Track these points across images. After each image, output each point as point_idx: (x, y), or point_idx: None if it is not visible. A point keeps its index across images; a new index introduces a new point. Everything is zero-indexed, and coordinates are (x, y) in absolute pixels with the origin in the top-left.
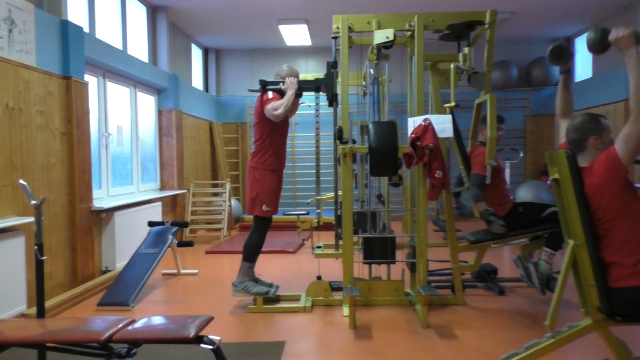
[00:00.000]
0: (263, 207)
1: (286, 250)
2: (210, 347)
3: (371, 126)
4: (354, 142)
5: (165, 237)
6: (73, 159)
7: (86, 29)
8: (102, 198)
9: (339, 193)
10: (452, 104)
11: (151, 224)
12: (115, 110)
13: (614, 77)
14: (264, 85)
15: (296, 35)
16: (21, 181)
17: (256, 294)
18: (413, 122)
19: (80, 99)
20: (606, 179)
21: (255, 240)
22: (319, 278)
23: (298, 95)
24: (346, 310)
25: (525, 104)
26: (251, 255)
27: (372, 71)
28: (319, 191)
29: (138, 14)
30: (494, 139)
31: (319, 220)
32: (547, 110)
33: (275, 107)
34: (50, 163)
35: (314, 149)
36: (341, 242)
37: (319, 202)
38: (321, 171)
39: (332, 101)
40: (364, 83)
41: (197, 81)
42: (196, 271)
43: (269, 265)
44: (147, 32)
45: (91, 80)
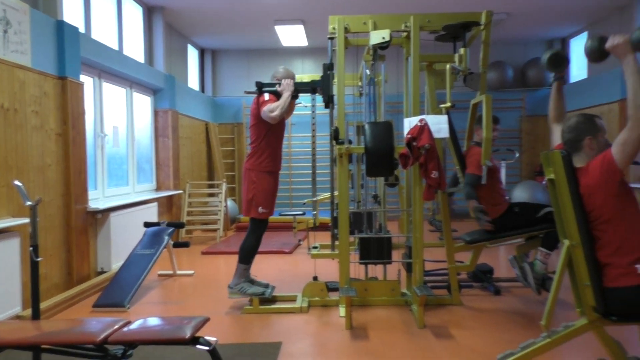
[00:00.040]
0: (259, 209)
1: (282, 250)
2: (206, 348)
3: (367, 127)
4: (350, 143)
5: (161, 238)
6: (68, 160)
7: (82, 30)
8: (98, 199)
9: (335, 193)
10: (448, 105)
11: (147, 225)
12: (111, 110)
13: (609, 78)
14: (260, 87)
15: (292, 35)
16: (16, 182)
17: (252, 295)
18: (409, 123)
19: (75, 100)
20: (602, 182)
21: (251, 242)
22: (315, 278)
23: (294, 97)
24: (342, 310)
25: (520, 105)
26: (247, 257)
27: (368, 72)
28: (315, 192)
29: (134, 15)
30: (490, 140)
31: (315, 221)
32: (543, 110)
33: (271, 109)
34: (45, 164)
35: (310, 150)
36: (337, 243)
37: (315, 204)
38: (317, 171)
39: (328, 103)
40: (360, 83)
41: (193, 82)
42: (192, 272)
43: (265, 265)
44: (143, 33)
45: (87, 80)
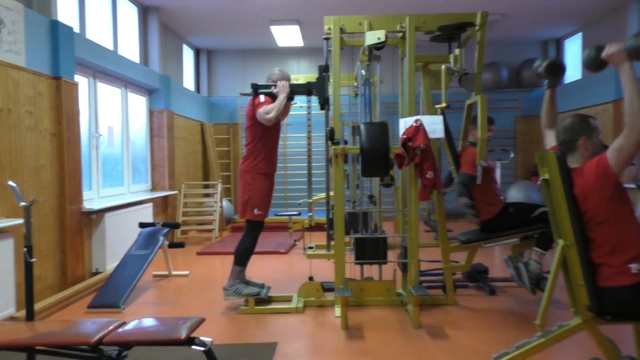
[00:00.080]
0: (255, 211)
1: (278, 251)
2: (201, 349)
3: (363, 127)
4: (346, 143)
5: (156, 239)
6: (63, 160)
7: (76, 29)
8: (93, 199)
9: (331, 194)
10: (443, 105)
11: (142, 225)
12: (106, 111)
13: (603, 79)
14: (256, 88)
15: (288, 36)
16: (10, 182)
17: (247, 296)
18: (404, 123)
19: (70, 100)
20: (596, 185)
21: (247, 244)
22: (311, 279)
23: (290, 98)
24: (338, 310)
25: (515, 105)
26: (243, 259)
27: (364, 72)
28: (311, 192)
29: (129, 14)
30: (485, 140)
31: (311, 221)
32: (537, 111)
33: (267, 111)
34: (39, 164)
35: (306, 150)
36: (333, 243)
37: (311, 205)
38: (313, 172)
39: (324, 105)
40: (356, 84)
41: (189, 82)
42: (187, 272)
43: (261, 266)
44: (138, 33)
45: (81, 80)
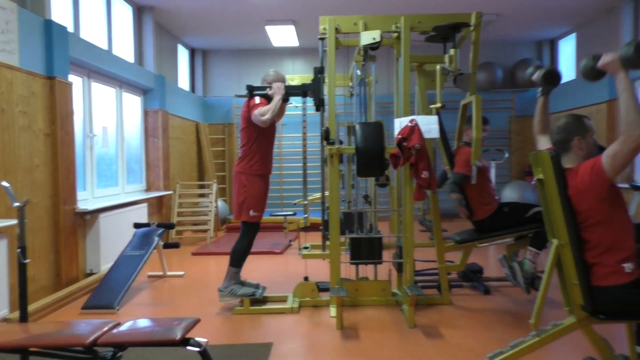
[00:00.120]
0: (250, 213)
1: (273, 251)
2: (197, 350)
3: (358, 127)
4: (341, 143)
5: (151, 239)
6: (57, 160)
7: (70, 29)
8: (87, 200)
9: (326, 194)
10: (438, 105)
11: (137, 226)
12: (100, 111)
13: None
14: (251, 90)
15: (283, 36)
16: (4, 183)
17: (243, 296)
18: (399, 123)
19: (64, 100)
20: (590, 188)
21: (243, 245)
22: (306, 279)
23: (285, 100)
24: (333, 310)
25: (510, 105)
26: (238, 260)
27: (359, 72)
28: (306, 193)
29: (124, 14)
30: (480, 140)
31: (307, 222)
32: (532, 111)
33: (262, 113)
34: (33, 164)
35: (301, 150)
36: (328, 243)
37: (306, 206)
38: (308, 172)
39: (319, 106)
40: (351, 84)
41: (184, 82)
42: (182, 273)
43: (256, 266)
44: (133, 33)
45: (76, 80)
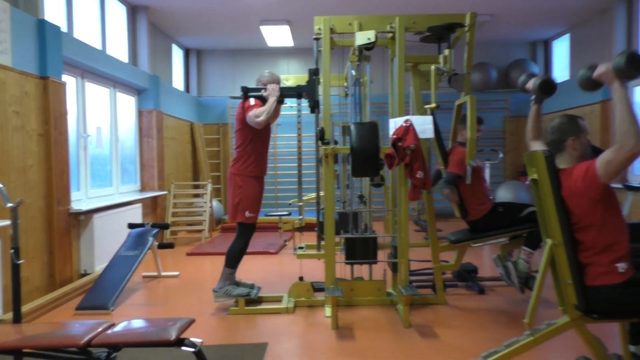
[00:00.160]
0: (246, 214)
1: (268, 251)
2: (191, 350)
3: (353, 127)
4: (336, 143)
5: (145, 239)
6: (50, 161)
7: (64, 29)
8: (81, 200)
9: (321, 194)
10: (433, 105)
11: (131, 226)
12: (94, 111)
13: None
14: (246, 91)
15: (278, 36)
16: None
17: (238, 296)
18: (394, 123)
19: (57, 100)
20: (584, 192)
21: (239, 246)
22: (301, 279)
23: (280, 102)
24: (328, 310)
25: (504, 106)
26: (234, 261)
27: (354, 72)
28: (301, 193)
29: (118, 14)
30: (474, 140)
31: (302, 222)
32: (526, 111)
33: (257, 115)
34: (27, 165)
35: (296, 150)
36: (323, 243)
37: (301, 207)
38: (303, 172)
39: (314, 108)
40: (346, 84)
41: (178, 82)
42: (177, 273)
43: (251, 266)
44: (127, 32)
45: (69, 80)
